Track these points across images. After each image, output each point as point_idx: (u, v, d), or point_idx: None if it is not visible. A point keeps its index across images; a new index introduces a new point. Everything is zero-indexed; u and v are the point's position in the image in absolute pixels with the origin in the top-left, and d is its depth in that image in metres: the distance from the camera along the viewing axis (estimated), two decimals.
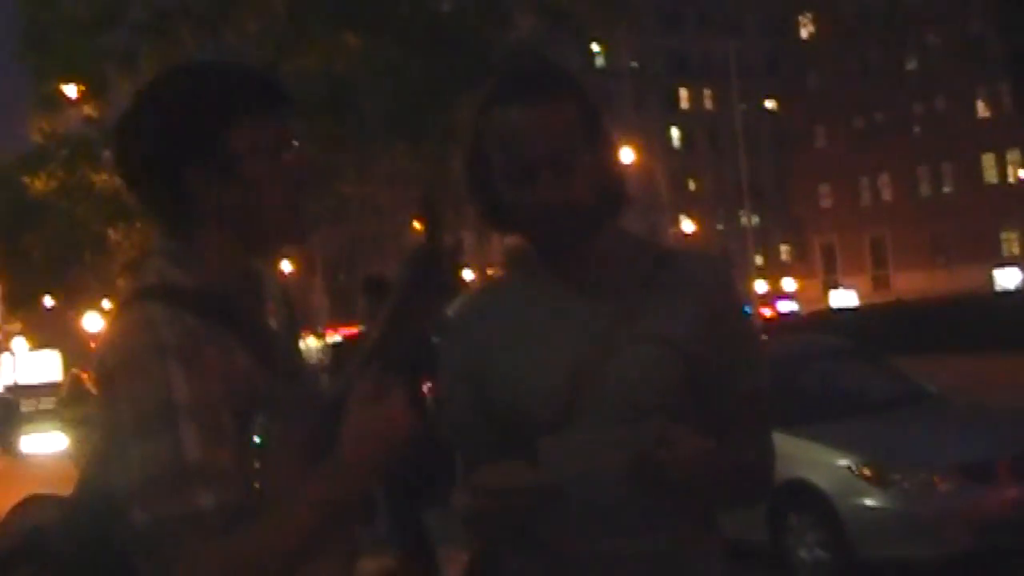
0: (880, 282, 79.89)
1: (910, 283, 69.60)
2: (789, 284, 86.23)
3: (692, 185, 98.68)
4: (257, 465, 2.01)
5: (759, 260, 77.12)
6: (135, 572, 1.94)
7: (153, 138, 2.12)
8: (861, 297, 71.60)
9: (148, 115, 2.15)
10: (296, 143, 2.20)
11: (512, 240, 2.60)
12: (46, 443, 32.75)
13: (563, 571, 2.43)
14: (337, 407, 2.13)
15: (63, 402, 33.85)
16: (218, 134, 2.10)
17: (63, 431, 31.78)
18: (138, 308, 2.06)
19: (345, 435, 2.02)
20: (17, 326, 66.66)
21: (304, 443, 2.11)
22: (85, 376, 28.86)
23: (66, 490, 2.23)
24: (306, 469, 2.03)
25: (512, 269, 2.64)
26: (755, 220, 79.90)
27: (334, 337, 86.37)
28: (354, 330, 11.87)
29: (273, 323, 2.30)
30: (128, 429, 1.95)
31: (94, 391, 2.16)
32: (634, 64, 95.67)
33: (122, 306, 2.12)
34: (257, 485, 2.00)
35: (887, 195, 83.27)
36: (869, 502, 9.20)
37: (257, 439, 2.03)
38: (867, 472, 9.27)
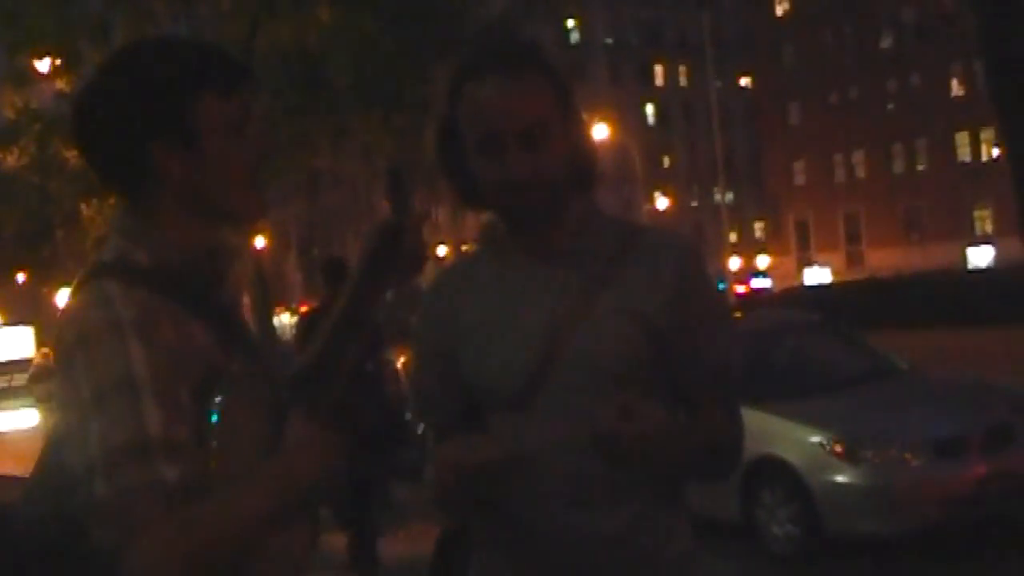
0: (854, 259, 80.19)
1: (884, 260, 69.87)
2: (763, 261, 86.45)
3: (667, 161, 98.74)
4: (214, 444, 1.99)
5: (733, 237, 77.16)
6: (94, 546, 1.92)
7: (119, 110, 2.11)
8: (835, 274, 71.93)
9: (113, 87, 2.13)
10: (257, 120, 2.21)
11: (486, 216, 2.61)
12: (19, 420, 32.63)
13: (530, 545, 2.44)
14: (298, 385, 2.13)
15: (33, 378, 33.76)
16: (184, 107, 2.09)
17: (35, 407, 31.69)
18: (95, 285, 2.06)
19: (288, 448, 2.06)
20: None
21: (262, 423, 2.10)
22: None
23: None
24: (263, 448, 2.04)
25: (484, 244, 2.64)
26: (729, 197, 79.94)
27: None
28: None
29: (242, 299, 2.30)
30: (87, 404, 1.93)
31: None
32: (609, 40, 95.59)
33: (79, 284, 2.10)
34: (213, 464, 1.98)
35: (861, 172, 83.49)
36: (840, 478, 9.24)
37: (214, 417, 2.01)
38: (838, 448, 9.31)
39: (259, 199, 2.22)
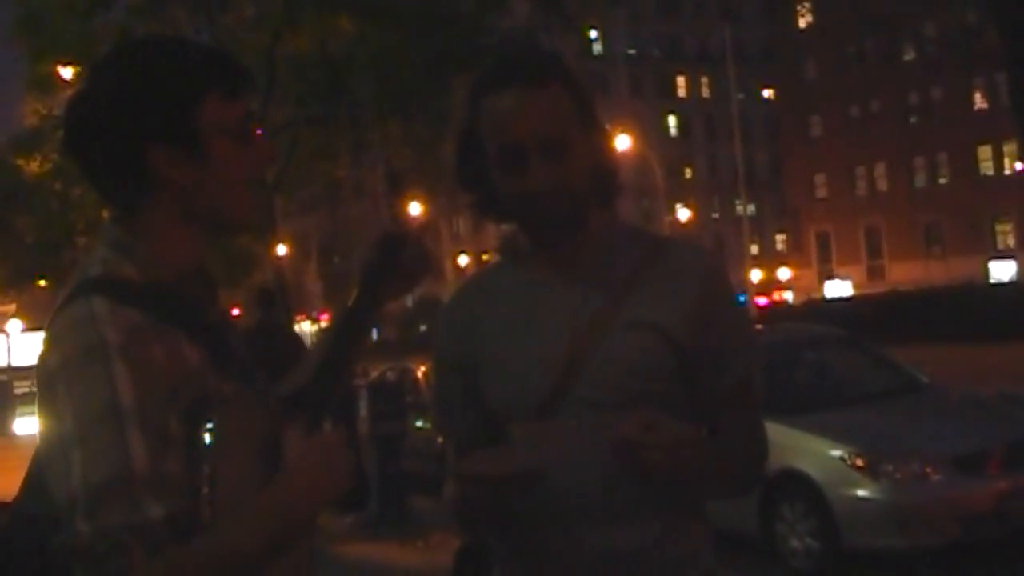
0: (875, 272, 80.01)
1: (905, 273, 69.76)
2: (784, 273, 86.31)
3: (688, 173, 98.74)
4: (206, 469, 1.90)
5: (754, 249, 77.14)
6: None
7: (118, 110, 2.01)
8: (856, 287, 71.83)
9: (109, 87, 2.03)
10: (260, 129, 2.15)
11: (507, 227, 2.59)
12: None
13: (553, 562, 2.42)
14: (293, 406, 2.07)
15: None
16: (187, 109, 2.01)
17: None
18: (82, 303, 1.94)
19: (288, 469, 1.95)
20: (11, 307, 66.61)
21: (258, 445, 2.01)
22: None
23: None
24: (259, 472, 1.95)
25: (504, 257, 2.63)
26: (751, 209, 79.95)
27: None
28: None
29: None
30: (70, 434, 1.83)
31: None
32: (631, 51, 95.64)
33: (65, 300, 1.99)
34: (205, 490, 1.89)
35: (883, 185, 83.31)
36: (861, 492, 9.20)
37: (206, 440, 1.91)
38: (859, 462, 9.27)
39: (264, 206, 2.16)
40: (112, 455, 1.80)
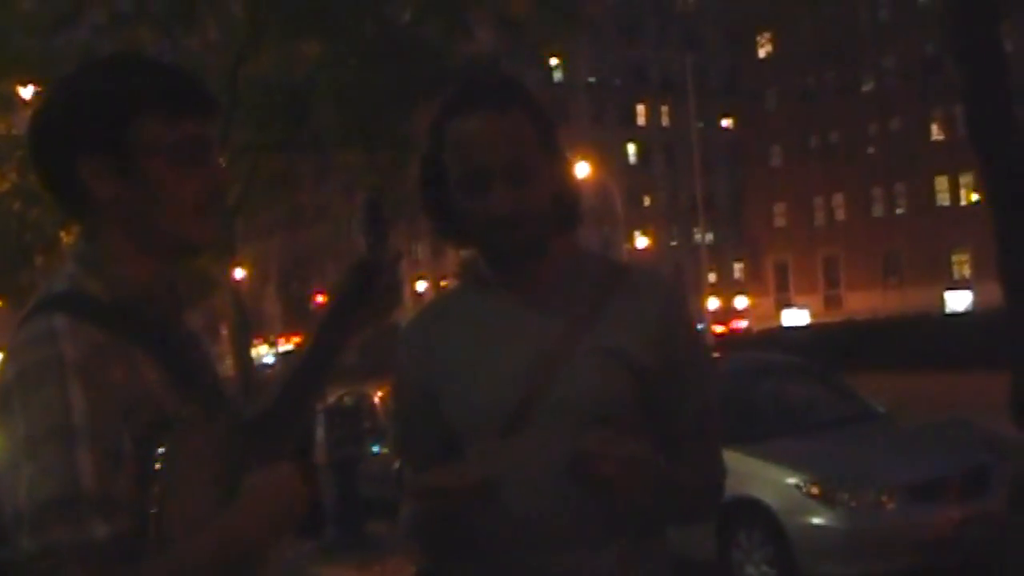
0: (832, 301, 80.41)
1: (862, 303, 70.13)
2: (742, 302, 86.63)
3: (647, 201, 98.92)
4: (156, 490, 1.90)
5: (712, 277, 77.45)
6: None
7: (53, 125, 2.03)
8: (813, 316, 72.12)
9: (53, 103, 2.05)
10: (213, 151, 2.11)
11: (467, 253, 2.61)
12: None
13: None
14: (254, 430, 2.06)
15: None
16: (118, 124, 2.00)
17: None
18: (43, 318, 1.94)
19: (242, 499, 1.94)
20: None
21: (214, 470, 2.01)
22: None
23: None
24: (214, 496, 1.95)
25: (465, 281, 2.63)
26: (709, 237, 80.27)
27: (286, 346, 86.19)
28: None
29: (199, 335, 2.24)
30: (21, 450, 1.83)
31: None
32: (591, 79, 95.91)
33: (28, 315, 1.99)
34: (154, 510, 1.89)
35: (841, 215, 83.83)
36: (816, 520, 9.24)
37: (157, 464, 1.91)
38: (814, 490, 9.31)
39: (210, 228, 2.10)
40: (60, 472, 1.81)
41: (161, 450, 1.91)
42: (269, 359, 78.96)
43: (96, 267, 2.04)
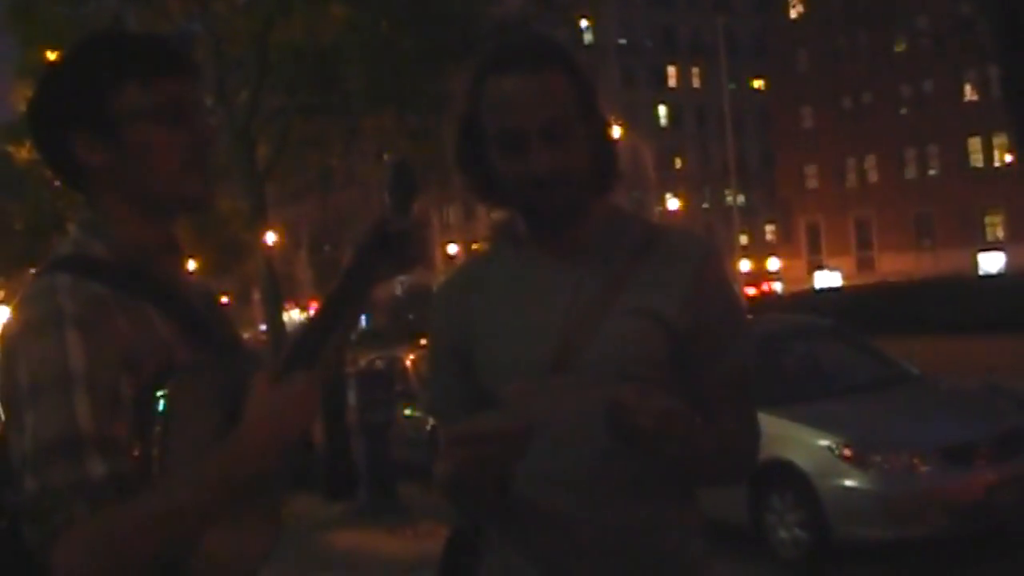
0: (865, 263, 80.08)
1: (895, 265, 69.85)
2: (774, 264, 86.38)
3: (678, 163, 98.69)
4: (158, 431, 1.98)
5: (744, 239, 77.11)
6: (27, 544, 1.93)
7: (42, 107, 2.16)
8: (846, 278, 71.85)
9: (41, 87, 2.18)
10: (195, 107, 2.20)
11: (499, 214, 2.60)
12: None
13: (545, 541, 2.43)
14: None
15: None
16: (101, 96, 2.10)
17: None
18: (46, 277, 2.06)
19: (248, 412, 1.98)
20: (0, 294, 66.66)
21: (217, 416, 2.06)
22: None
23: None
24: (219, 437, 2.00)
25: (499, 242, 2.63)
26: (741, 199, 79.91)
27: None
28: None
29: (205, 291, 2.34)
30: (24, 397, 1.94)
31: None
32: (622, 41, 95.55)
33: (34, 277, 2.11)
34: (155, 452, 1.97)
35: (873, 176, 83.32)
36: (849, 483, 9.22)
37: (160, 405, 1.99)
38: (847, 453, 9.29)
39: (197, 188, 2.18)
40: (59, 416, 1.91)
41: (160, 393, 1.99)
42: None
43: (98, 231, 2.16)
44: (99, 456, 1.90)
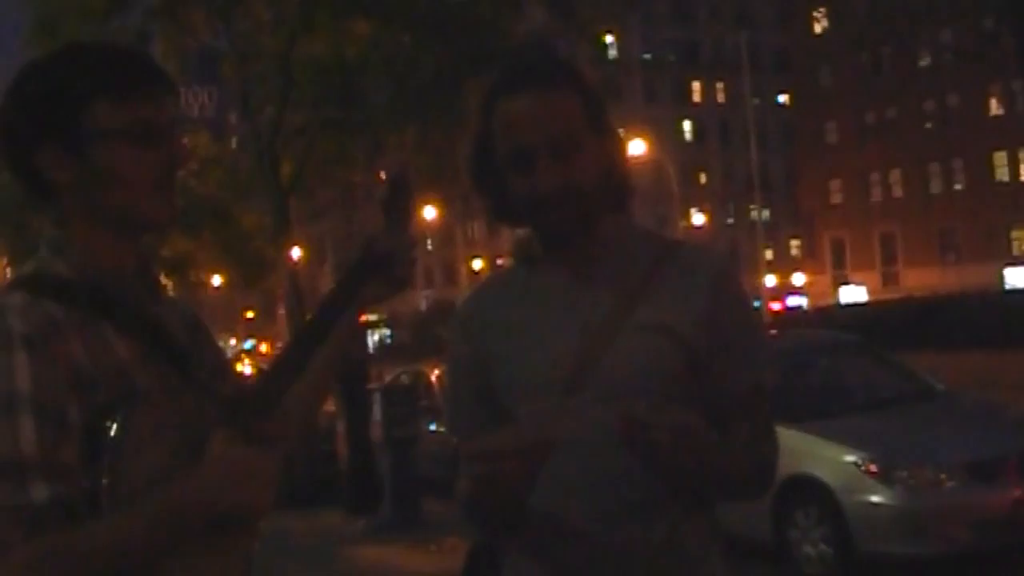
0: (890, 278, 79.78)
1: (920, 280, 69.52)
2: (798, 279, 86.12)
3: (703, 178, 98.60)
4: (107, 460, 1.93)
5: (769, 254, 77.04)
6: None
7: (7, 122, 2.10)
8: (870, 293, 71.61)
9: (6, 102, 2.12)
10: (168, 129, 2.14)
11: (520, 231, 2.61)
12: None
13: (563, 556, 2.43)
14: (232, 408, 2.05)
15: None
16: (68, 115, 2.06)
17: None
18: (1, 298, 2.02)
19: (201, 470, 1.96)
20: None
21: (181, 440, 2.02)
22: None
23: None
24: (171, 469, 1.96)
25: (518, 260, 2.64)
26: (765, 214, 79.84)
27: None
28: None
29: (178, 311, 2.28)
30: None
31: None
32: (646, 56, 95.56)
33: None
34: (105, 479, 1.93)
35: (898, 191, 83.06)
36: (874, 498, 9.20)
37: (112, 432, 1.94)
38: (872, 468, 9.26)
39: (167, 206, 2.14)
40: (2, 438, 1.87)
41: (111, 422, 1.94)
42: None
43: (63, 250, 2.11)
44: (43, 481, 1.87)
